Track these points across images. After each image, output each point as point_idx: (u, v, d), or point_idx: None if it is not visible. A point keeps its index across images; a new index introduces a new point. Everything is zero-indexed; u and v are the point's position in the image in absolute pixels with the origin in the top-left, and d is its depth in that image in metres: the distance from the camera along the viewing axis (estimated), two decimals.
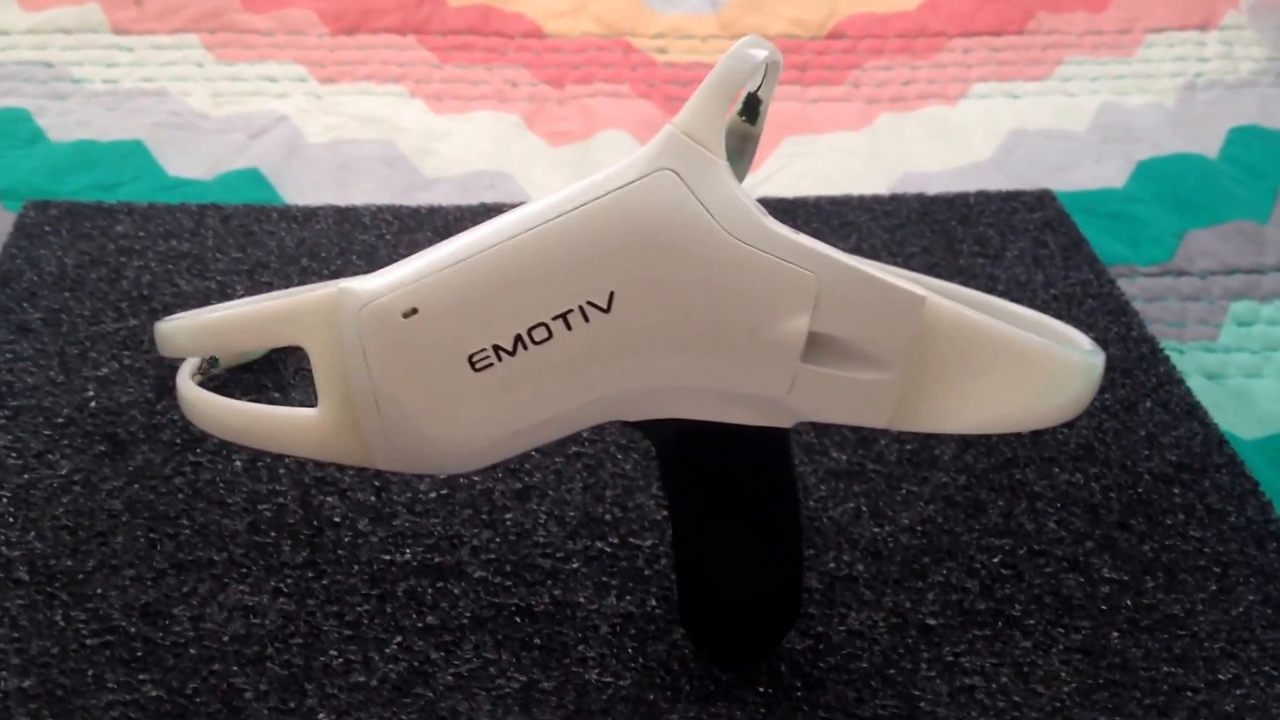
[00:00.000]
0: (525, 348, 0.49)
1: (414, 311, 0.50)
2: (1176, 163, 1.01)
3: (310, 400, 0.67)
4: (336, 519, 0.63)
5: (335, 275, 0.78)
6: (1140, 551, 0.63)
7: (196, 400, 0.58)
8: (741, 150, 0.63)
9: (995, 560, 0.62)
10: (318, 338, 0.52)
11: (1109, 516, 0.65)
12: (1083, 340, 0.58)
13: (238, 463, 0.65)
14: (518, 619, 0.59)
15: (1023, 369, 0.52)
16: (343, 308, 0.50)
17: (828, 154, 0.99)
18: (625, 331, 0.49)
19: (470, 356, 0.50)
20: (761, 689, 0.56)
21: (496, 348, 0.50)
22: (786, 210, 0.87)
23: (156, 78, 1.02)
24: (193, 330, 0.57)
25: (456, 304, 0.49)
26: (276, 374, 0.71)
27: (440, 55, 1.08)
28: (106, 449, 0.66)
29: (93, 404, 0.68)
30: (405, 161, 0.95)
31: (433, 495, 0.64)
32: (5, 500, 0.62)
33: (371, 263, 0.79)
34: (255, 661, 0.56)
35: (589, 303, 0.49)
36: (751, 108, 0.57)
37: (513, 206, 0.86)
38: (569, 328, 0.49)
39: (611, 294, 0.49)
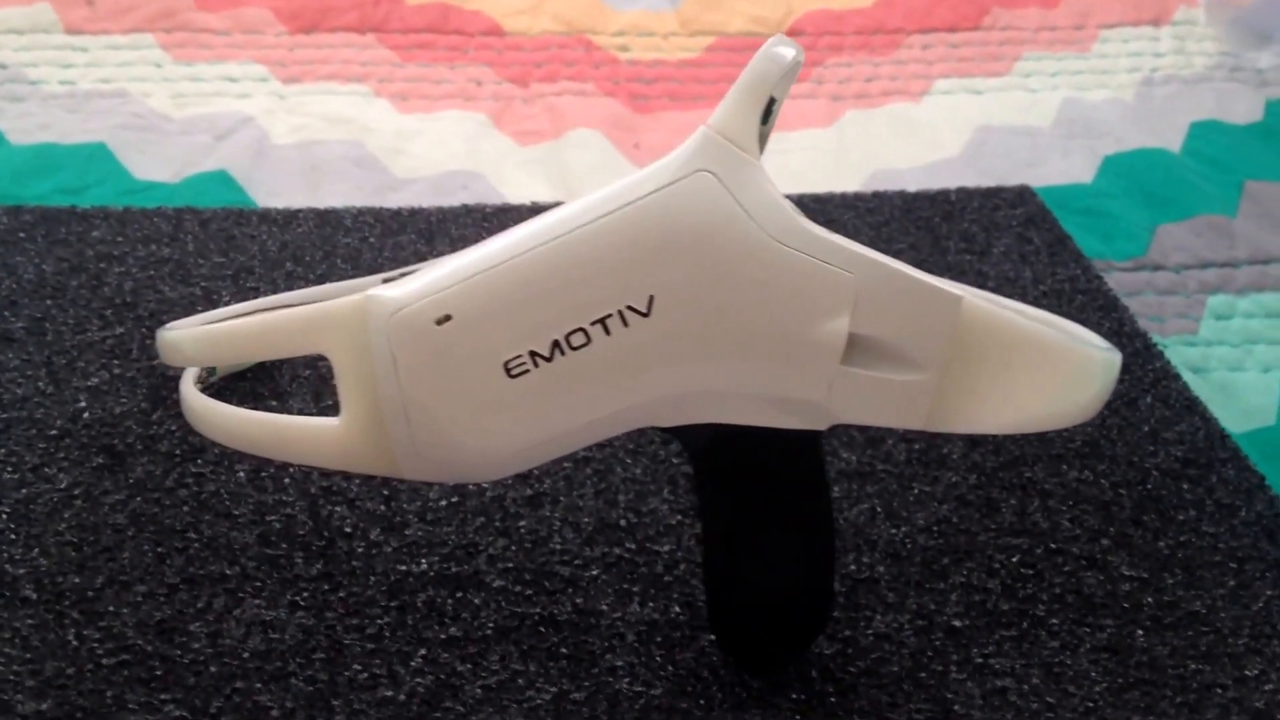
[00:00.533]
0: (563, 353, 0.49)
1: (447, 318, 0.49)
2: (1142, 157, 1.01)
3: (310, 407, 0.67)
4: (348, 529, 0.61)
5: (320, 279, 0.77)
6: (1156, 548, 0.63)
7: (207, 411, 0.57)
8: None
9: (1014, 560, 0.62)
10: (343, 346, 0.50)
11: (1121, 513, 0.65)
12: (1094, 338, 0.58)
13: (241, 473, 0.64)
14: (542, 629, 0.58)
15: (1051, 367, 0.52)
16: (370, 315, 0.49)
17: (799, 151, 0.99)
18: (665, 336, 0.48)
19: (506, 363, 0.49)
20: (794, 695, 0.56)
21: (533, 354, 0.49)
22: None
23: (114, 78, 0.99)
24: (203, 339, 0.56)
25: (492, 309, 0.48)
26: (273, 381, 0.69)
27: (401, 54, 1.06)
28: (105, 461, 0.64)
29: (86, 415, 0.66)
30: (375, 162, 0.93)
31: (443, 503, 0.63)
32: (4, 516, 0.60)
33: (356, 266, 0.78)
34: (278, 678, 0.55)
35: (628, 307, 0.48)
36: (766, 107, 0.56)
37: (489, 207, 0.85)
38: (608, 333, 0.48)
39: (651, 298, 0.48)
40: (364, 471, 0.53)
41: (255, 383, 0.69)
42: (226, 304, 0.74)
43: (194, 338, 0.56)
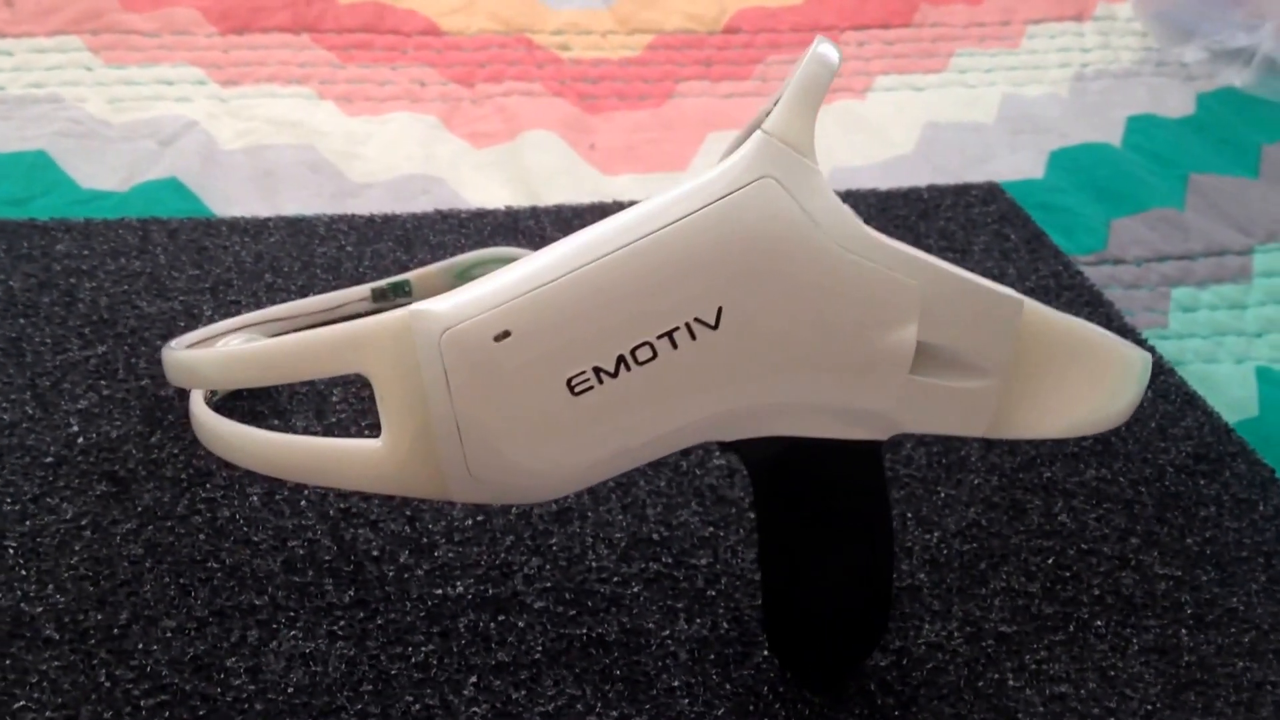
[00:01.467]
0: (628, 369, 0.47)
1: (506, 334, 0.46)
2: (1086, 152, 1.02)
3: (314, 425, 0.64)
4: (375, 553, 0.59)
5: (302, 290, 0.74)
6: (1185, 546, 0.63)
7: (234, 436, 0.54)
8: None
9: (1049, 562, 0.62)
10: (386, 365, 0.47)
11: (1145, 511, 0.65)
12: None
13: (254, 497, 0.61)
14: (591, 650, 0.56)
15: (1102, 368, 0.52)
16: (418, 332, 0.47)
17: None
18: (733, 348, 0.47)
19: (569, 380, 0.46)
20: (858, 710, 0.55)
21: (598, 370, 0.46)
22: None
23: (45, 83, 0.95)
24: (229, 361, 0.53)
25: (554, 324, 0.46)
26: (271, 399, 0.66)
27: (340, 55, 1.03)
28: (109, 489, 0.60)
29: (81, 440, 0.63)
30: (330, 167, 0.90)
31: (469, 522, 0.61)
32: (11, 551, 0.57)
33: (337, 275, 0.75)
34: (329, 713, 0.52)
35: (696, 319, 0.46)
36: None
37: (464, 212, 0.83)
38: (675, 346, 0.46)
39: (720, 309, 0.46)
40: (410, 494, 0.51)
41: (253, 400, 0.66)
42: (209, 318, 0.71)
43: (216, 360, 0.53)
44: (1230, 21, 1.14)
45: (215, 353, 0.53)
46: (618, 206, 0.85)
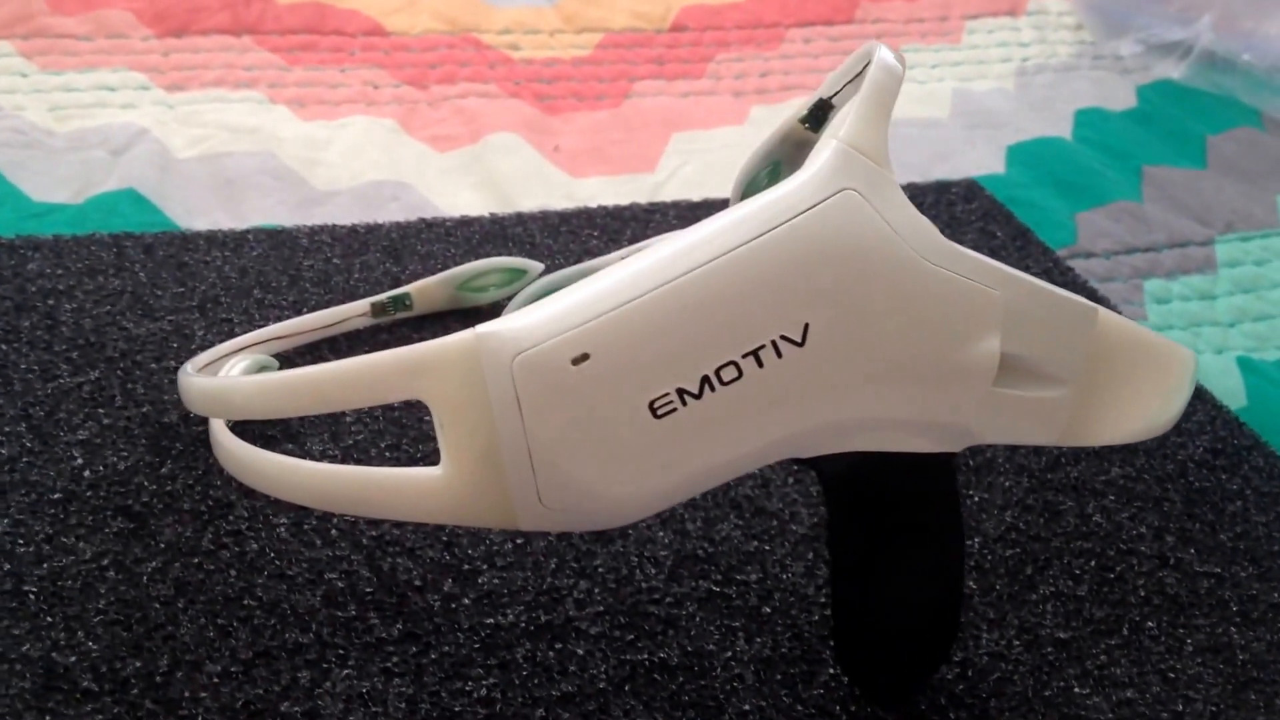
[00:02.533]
0: (712, 389, 0.44)
1: (585, 357, 0.44)
2: (1041, 146, 1.03)
3: (331, 449, 0.61)
4: (417, 582, 0.56)
5: (295, 305, 0.71)
6: (1219, 542, 0.63)
7: (271, 466, 0.50)
8: (795, 159, 0.60)
9: (1092, 564, 0.61)
10: (448, 391, 0.44)
11: (1174, 509, 0.65)
12: None
13: (281, 528, 0.58)
14: (656, 676, 0.54)
15: (1162, 371, 0.52)
16: (488, 355, 0.44)
17: (720, 150, 0.96)
18: (820, 365, 0.45)
19: (651, 403, 0.44)
20: None
21: (681, 391, 0.44)
22: None
23: None
24: (269, 389, 0.49)
25: (637, 346, 0.44)
26: (283, 423, 0.63)
27: (285, 57, 1.00)
28: (125, 524, 0.57)
29: (87, 473, 0.59)
30: (292, 174, 0.87)
31: (509, 547, 0.59)
32: (32, 597, 0.54)
33: (328, 289, 0.72)
34: None
35: (783, 337, 0.44)
36: (820, 115, 0.54)
37: (449, 220, 0.81)
38: (760, 365, 0.44)
39: (806, 325, 0.44)
40: (472, 525, 0.49)
41: (264, 425, 0.63)
42: (202, 338, 0.68)
43: (254, 388, 0.50)
44: (1164, 15, 1.15)
45: (254, 381, 0.49)
46: (602, 211, 0.83)
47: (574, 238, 0.80)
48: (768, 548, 0.60)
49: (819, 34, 1.14)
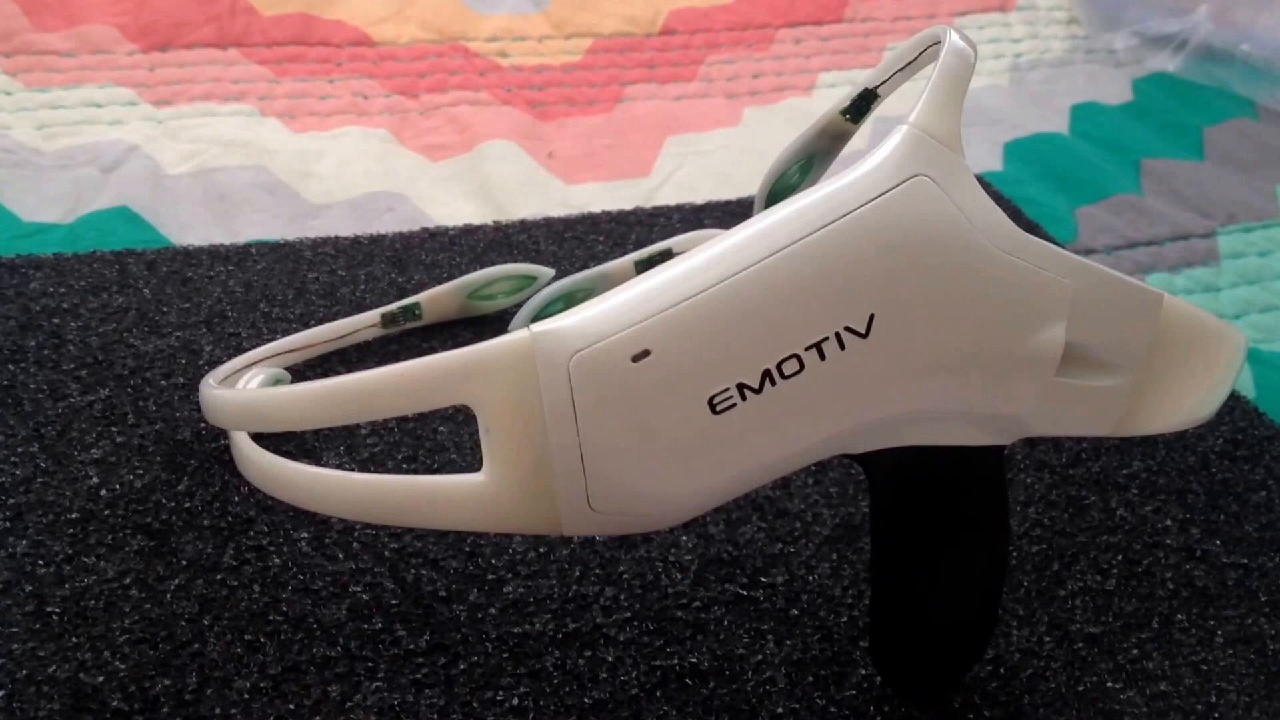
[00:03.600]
0: (773, 383, 0.44)
1: (645, 354, 0.43)
2: (1039, 142, 1.02)
3: (348, 462, 0.61)
4: (442, 593, 0.56)
5: (302, 317, 0.70)
6: (1245, 533, 0.63)
7: (307, 478, 0.49)
8: (831, 150, 0.59)
9: (1119, 558, 0.61)
10: (499, 394, 0.44)
11: (1198, 501, 0.64)
12: None
13: (302, 542, 0.57)
14: (688, 681, 0.54)
15: (1214, 355, 0.51)
16: (543, 355, 0.43)
17: (716, 151, 0.96)
18: (884, 357, 0.44)
19: (711, 399, 0.44)
20: None
21: (741, 386, 0.44)
22: (734, 213, 0.84)
23: None
24: (310, 399, 0.47)
25: (699, 341, 0.43)
26: (298, 437, 0.63)
27: (273, 69, 0.99)
28: (145, 542, 0.56)
29: (104, 492, 0.58)
30: (285, 188, 0.86)
31: (532, 555, 0.58)
32: (56, 618, 0.53)
33: (334, 301, 0.72)
34: None
35: (846, 328, 0.44)
36: (864, 105, 0.53)
37: (452, 230, 0.80)
38: (823, 357, 0.44)
39: (871, 317, 0.44)
40: (516, 532, 0.48)
41: (278, 440, 0.62)
42: (210, 353, 0.67)
43: (297, 398, 0.48)
44: (1158, 8, 1.15)
45: (292, 392, 0.49)
46: (606, 217, 0.82)
47: (579, 244, 0.79)
48: (792, 549, 0.59)
49: (809, 34, 1.14)
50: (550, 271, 0.73)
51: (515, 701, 0.52)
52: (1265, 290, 0.89)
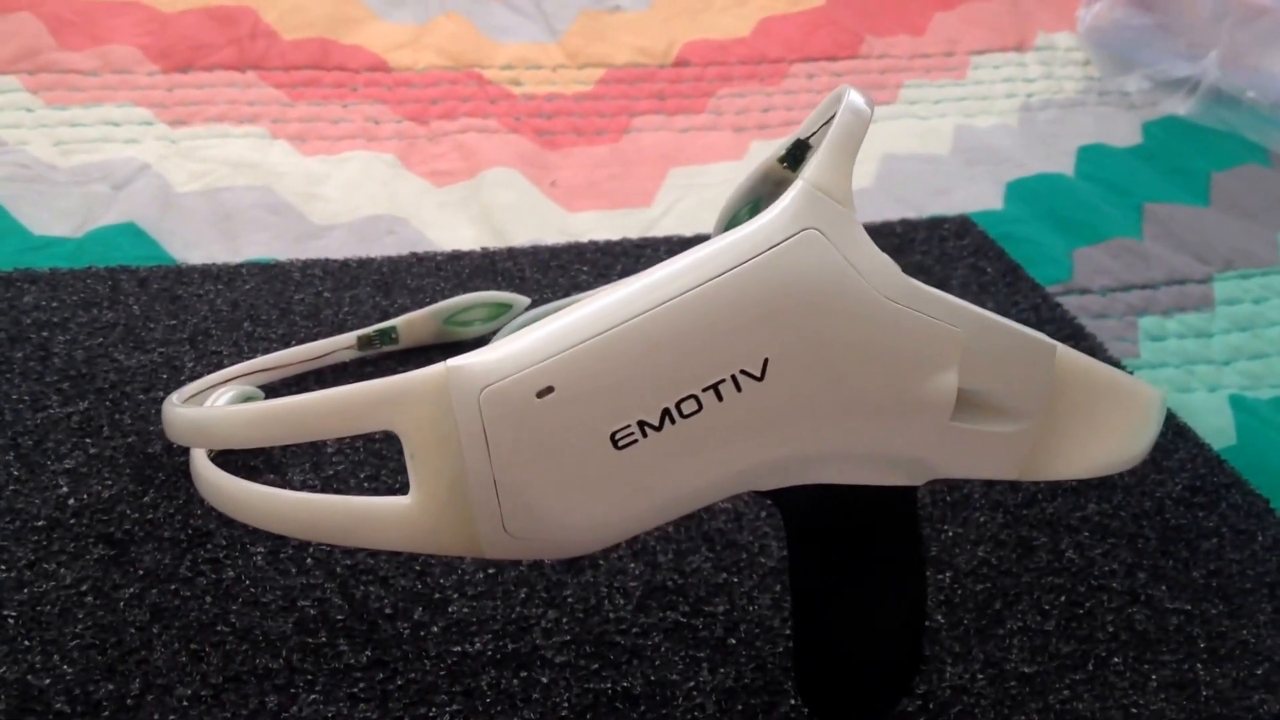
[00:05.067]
0: (673, 422, 0.46)
1: (549, 390, 0.45)
2: (1042, 182, 1.03)
3: (312, 479, 0.62)
4: (388, 610, 0.58)
5: (284, 338, 0.72)
6: (1191, 579, 0.64)
7: (250, 495, 0.51)
8: (773, 195, 0.61)
9: (1062, 599, 0.62)
10: (419, 422, 0.46)
11: (1149, 545, 0.65)
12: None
13: (258, 556, 0.59)
14: (618, 705, 0.55)
15: (1124, 409, 0.52)
16: (456, 388, 0.45)
17: (719, 185, 0.97)
18: (779, 399, 0.46)
19: (613, 434, 0.45)
20: None
21: (642, 424, 0.45)
22: None
23: None
24: (251, 419, 0.50)
25: (600, 380, 0.45)
26: (265, 453, 0.65)
27: (288, 93, 1.01)
28: (106, 551, 0.58)
29: (72, 501, 0.60)
30: (290, 209, 0.88)
31: (480, 576, 0.60)
32: (12, 621, 0.55)
33: (317, 322, 0.74)
34: None
35: (742, 371, 0.45)
36: (798, 155, 0.55)
37: (439, 255, 0.82)
38: (720, 399, 0.46)
39: (765, 361, 0.45)
40: (440, 553, 0.50)
41: (246, 455, 0.64)
42: (191, 369, 0.69)
43: (235, 418, 0.51)
44: (1171, 51, 1.16)
45: (233, 411, 0.51)
46: (593, 246, 0.84)
47: (563, 272, 0.81)
48: (736, 580, 0.61)
49: (823, 69, 1.15)
50: (525, 300, 0.74)
51: (446, 719, 0.53)
52: (1257, 337, 0.89)
